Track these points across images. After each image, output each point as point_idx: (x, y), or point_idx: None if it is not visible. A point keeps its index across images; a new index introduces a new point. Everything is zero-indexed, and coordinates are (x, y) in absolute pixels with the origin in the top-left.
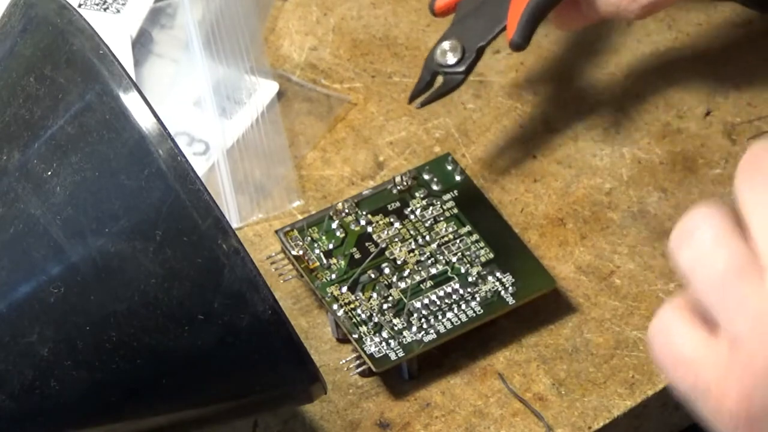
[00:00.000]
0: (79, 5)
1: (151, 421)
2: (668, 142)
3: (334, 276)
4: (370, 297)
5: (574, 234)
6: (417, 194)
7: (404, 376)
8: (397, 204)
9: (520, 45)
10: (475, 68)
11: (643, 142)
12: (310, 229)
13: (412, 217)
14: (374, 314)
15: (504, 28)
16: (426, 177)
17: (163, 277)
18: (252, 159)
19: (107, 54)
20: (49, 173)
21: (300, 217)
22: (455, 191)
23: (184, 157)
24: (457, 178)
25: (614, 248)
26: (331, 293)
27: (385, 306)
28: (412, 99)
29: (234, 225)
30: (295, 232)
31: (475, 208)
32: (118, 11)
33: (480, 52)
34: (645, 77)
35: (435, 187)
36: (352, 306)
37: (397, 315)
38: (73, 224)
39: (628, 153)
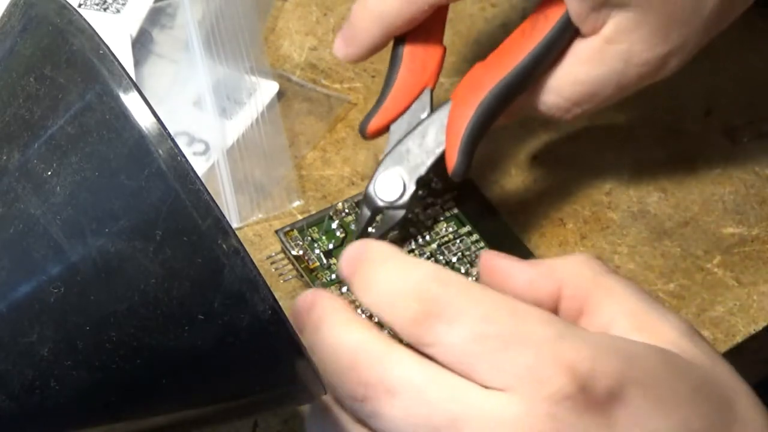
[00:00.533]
0: (79, 5)
1: (151, 421)
2: (668, 142)
3: (334, 276)
4: None
5: (574, 234)
6: (418, 193)
7: None
8: None
9: (462, 175)
10: (415, 200)
11: (643, 142)
12: (310, 229)
13: (412, 216)
14: (374, 315)
15: (442, 153)
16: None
17: (163, 277)
18: (252, 159)
19: (107, 54)
20: (49, 173)
21: (300, 217)
22: (455, 191)
23: (184, 157)
24: None
25: (614, 248)
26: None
27: None
28: (359, 236)
29: (234, 225)
30: (295, 232)
31: (475, 208)
32: (118, 11)
33: (419, 183)
34: None
35: (435, 187)
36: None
37: None
38: (73, 224)
39: (628, 153)
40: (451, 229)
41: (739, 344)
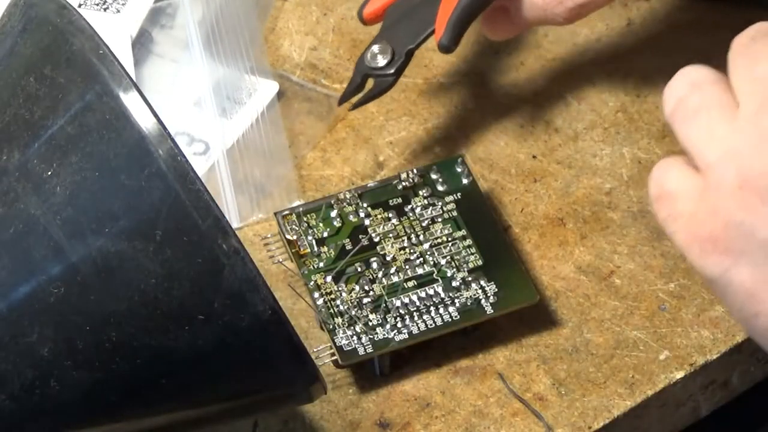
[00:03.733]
0: (79, 5)
1: (151, 421)
2: (668, 142)
3: (321, 264)
4: (353, 289)
5: (574, 234)
6: (420, 192)
7: (375, 371)
8: (399, 200)
9: (447, 47)
10: (404, 70)
11: (643, 142)
12: (307, 216)
13: (411, 215)
14: (351, 307)
15: (432, 31)
16: (433, 176)
17: (163, 277)
18: (252, 159)
19: (107, 54)
20: (49, 173)
21: None
22: (459, 194)
23: (184, 157)
24: (464, 181)
25: (614, 248)
26: (315, 281)
27: (365, 300)
28: (342, 101)
29: (234, 225)
30: (294, 217)
31: (474, 214)
32: (118, 11)
33: (409, 55)
34: (645, 77)
35: (440, 188)
36: (332, 296)
37: (374, 311)
38: (73, 224)
39: (628, 153)
40: (446, 232)
41: (739, 344)
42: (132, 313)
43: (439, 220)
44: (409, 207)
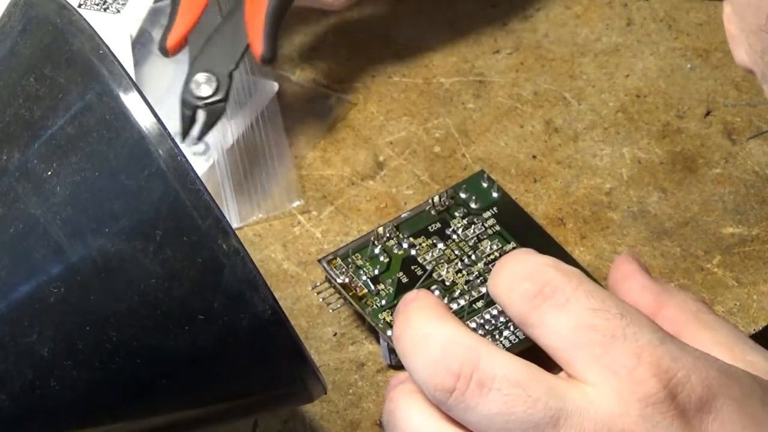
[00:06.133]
0: (79, 5)
1: (151, 421)
2: (668, 142)
3: (384, 302)
4: None
5: (574, 234)
6: (456, 214)
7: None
8: (438, 225)
9: (270, 59)
10: (231, 93)
11: (643, 142)
12: (353, 256)
13: (454, 237)
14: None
15: (247, 46)
16: (463, 196)
17: (163, 277)
18: (252, 159)
19: (107, 54)
20: (49, 173)
21: (300, 217)
22: (494, 208)
23: (184, 157)
24: (494, 194)
25: (614, 248)
26: (384, 319)
27: None
28: (184, 137)
29: (234, 225)
30: (339, 260)
31: (516, 224)
32: (118, 11)
33: (231, 77)
34: (645, 77)
35: (473, 206)
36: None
37: None
38: (73, 224)
39: (628, 153)
40: (495, 247)
41: None
42: (132, 313)
43: (485, 237)
44: (450, 230)
